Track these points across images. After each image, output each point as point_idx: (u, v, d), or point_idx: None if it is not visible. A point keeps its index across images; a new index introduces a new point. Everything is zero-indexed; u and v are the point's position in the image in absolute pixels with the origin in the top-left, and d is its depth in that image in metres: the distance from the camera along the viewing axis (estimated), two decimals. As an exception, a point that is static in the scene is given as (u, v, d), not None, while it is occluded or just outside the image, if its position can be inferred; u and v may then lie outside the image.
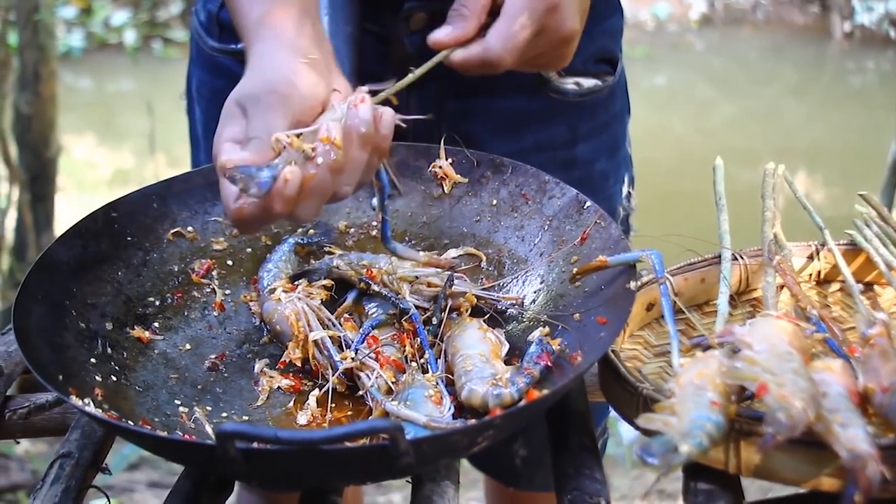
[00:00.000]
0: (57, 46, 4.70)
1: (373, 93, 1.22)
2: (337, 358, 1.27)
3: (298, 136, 1.16)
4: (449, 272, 1.35)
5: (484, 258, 1.43)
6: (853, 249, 1.40)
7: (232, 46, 1.67)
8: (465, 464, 1.25)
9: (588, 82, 1.67)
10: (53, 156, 4.29)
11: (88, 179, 6.62)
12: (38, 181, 4.29)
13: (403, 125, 1.24)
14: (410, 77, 1.29)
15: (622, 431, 3.72)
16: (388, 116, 1.21)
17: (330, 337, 1.29)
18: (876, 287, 1.40)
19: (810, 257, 1.41)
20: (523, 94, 1.64)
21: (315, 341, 1.29)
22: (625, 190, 1.82)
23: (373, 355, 1.27)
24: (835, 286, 1.41)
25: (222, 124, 1.21)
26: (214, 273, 1.43)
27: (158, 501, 3.57)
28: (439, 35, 1.32)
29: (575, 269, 1.30)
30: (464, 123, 1.63)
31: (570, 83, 1.65)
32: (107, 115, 7.83)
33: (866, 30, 9.14)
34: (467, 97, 1.62)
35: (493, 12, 1.32)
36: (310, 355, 1.29)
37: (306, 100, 1.20)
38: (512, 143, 1.65)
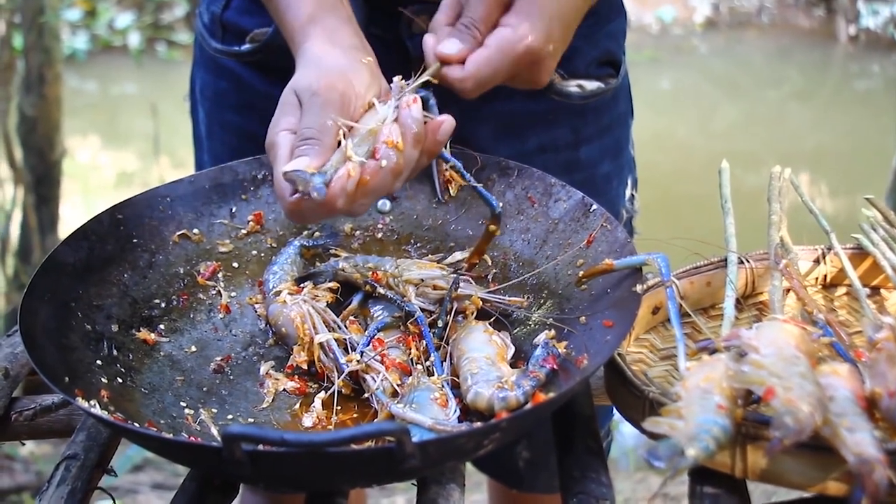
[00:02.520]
0: (61, 49, 4.70)
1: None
2: (342, 360, 1.27)
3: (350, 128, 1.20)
4: (454, 275, 1.35)
5: (489, 261, 1.43)
6: (860, 253, 1.39)
7: (235, 48, 1.67)
8: (468, 466, 1.25)
9: (591, 85, 1.67)
10: (58, 158, 4.30)
11: (93, 182, 6.62)
12: (42, 183, 4.29)
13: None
14: (416, 83, 1.30)
15: (624, 434, 3.72)
16: (448, 126, 1.25)
17: (335, 339, 1.29)
18: (882, 291, 1.40)
19: (816, 261, 1.41)
20: (526, 97, 1.64)
21: (320, 344, 1.29)
22: (628, 192, 1.82)
23: (378, 358, 1.27)
24: (841, 290, 1.41)
25: (279, 113, 1.24)
26: (220, 275, 1.43)
27: (162, 503, 3.57)
28: (449, 50, 1.33)
29: (581, 273, 1.30)
30: (467, 126, 1.62)
31: (572, 86, 1.65)
32: (111, 117, 7.84)
33: (871, 33, 9.14)
34: (470, 100, 1.62)
35: None
36: (315, 358, 1.29)
37: (360, 99, 1.24)
38: (515, 145, 1.65)
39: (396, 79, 1.26)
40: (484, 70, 1.33)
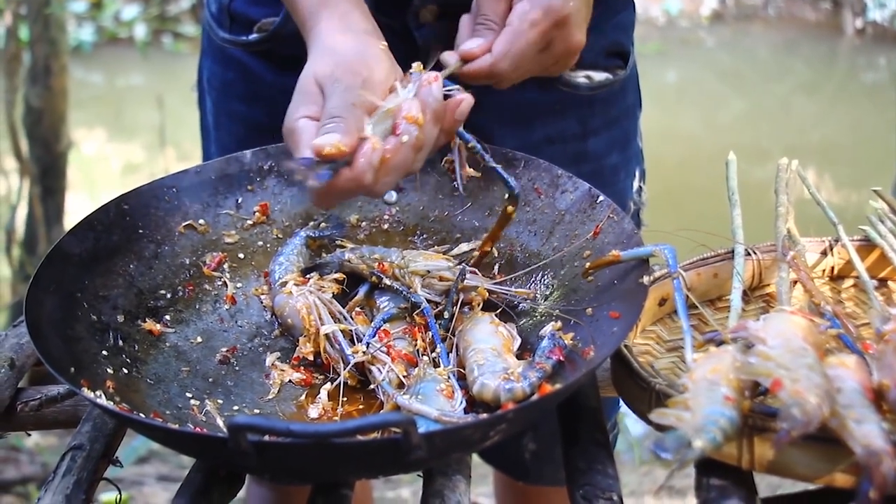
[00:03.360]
0: (67, 40, 4.69)
1: None
2: (348, 352, 1.27)
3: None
4: (461, 266, 1.35)
5: (496, 252, 1.42)
6: (867, 245, 1.39)
7: (242, 38, 1.66)
8: (474, 458, 1.25)
9: (599, 76, 1.66)
10: (64, 149, 4.30)
11: (98, 173, 6.62)
12: (48, 175, 4.30)
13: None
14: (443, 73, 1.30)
15: (630, 427, 3.72)
16: (467, 104, 1.26)
17: (341, 330, 1.29)
18: (890, 283, 1.39)
19: (823, 253, 1.40)
20: (534, 87, 1.63)
21: (326, 335, 1.29)
22: (635, 184, 1.82)
23: (384, 349, 1.26)
24: (848, 282, 1.41)
25: (298, 100, 1.23)
26: (226, 266, 1.43)
27: (168, 495, 3.58)
28: (471, 46, 1.32)
29: (588, 264, 1.29)
30: (473, 116, 1.62)
31: (580, 77, 1.64)
32: (117, 109, 7.84)
33: (878, 26, 9.11)
34: (477, 89, 1.61)
35: None
36: (321, 349, 1.29)
37: (382, 84, 1.23)
38: (522, 136, 1.64)
39: (415, 65, 1.26)
40: (514, 45, 1.32)
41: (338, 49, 1.26)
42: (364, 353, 1.26)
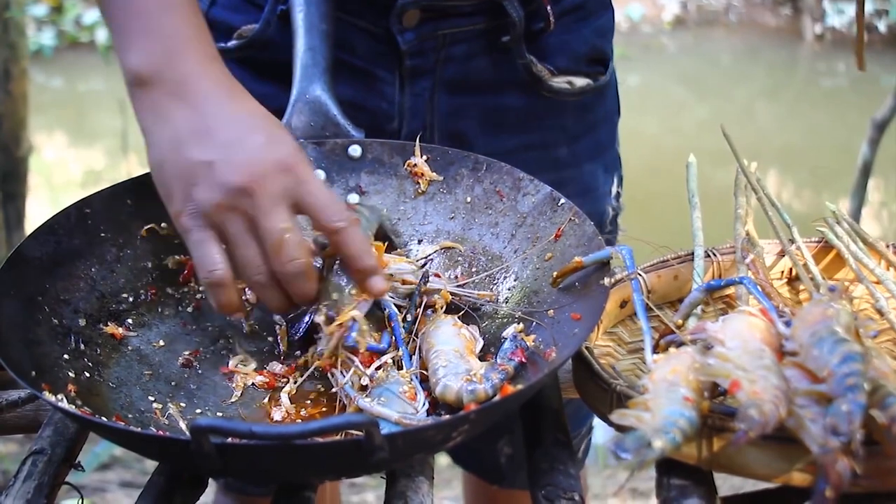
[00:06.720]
0: (28, 45, 4.66)
1: None
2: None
3: None
4: (423, 269, 1.35)
5: (461, 248, 1.43)
6: (825, 247, 1.41)
7: (221, 45, 1.65)
8: (439, 463, 1.26)
9: (580, 81, 1.66)
10: (24, 154, 4.27)
11: (59, 179, 6.57)
12: (8, 180, 4.26)
13: None
14: None
15: (594, 431, 3.72)
16: None
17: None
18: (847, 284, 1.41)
19: (781, 254, 1.42)
20: (515, 93, 1.63)
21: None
22: (614, 190, 1.82)
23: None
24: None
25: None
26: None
27: (131, 501, 3.55)
28: None
29: (555, 273, 1.29)
30: (455, 121, 1.62)
31: (562, 82, 1.64)
32: (78, 114, 7.79)
33: (837, 32, 9.22)
34: (458, 94, 1.61)
35: None
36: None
37: None
38: (502, 141, 1.64)
39: None
40: None
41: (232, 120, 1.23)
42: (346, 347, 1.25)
